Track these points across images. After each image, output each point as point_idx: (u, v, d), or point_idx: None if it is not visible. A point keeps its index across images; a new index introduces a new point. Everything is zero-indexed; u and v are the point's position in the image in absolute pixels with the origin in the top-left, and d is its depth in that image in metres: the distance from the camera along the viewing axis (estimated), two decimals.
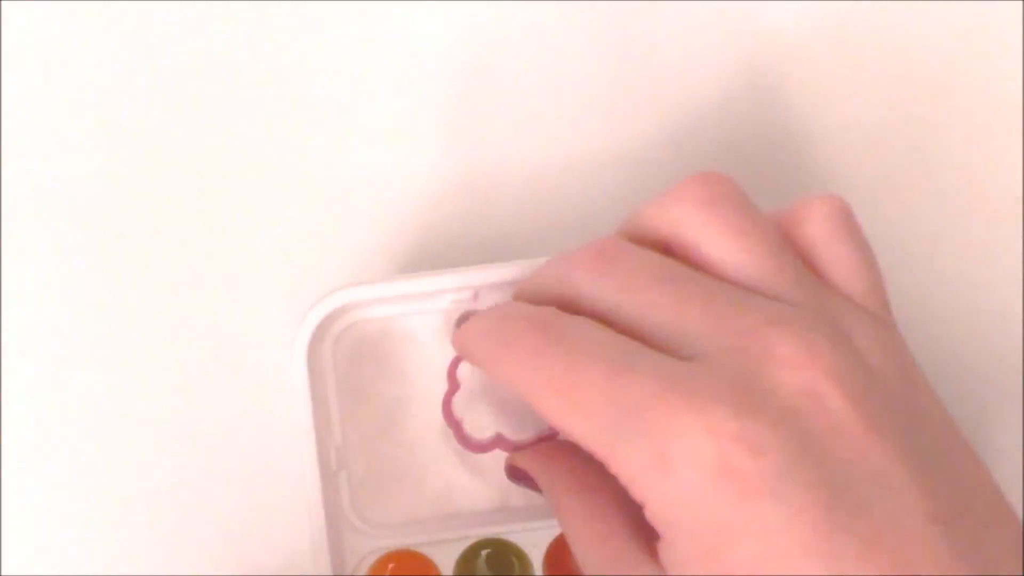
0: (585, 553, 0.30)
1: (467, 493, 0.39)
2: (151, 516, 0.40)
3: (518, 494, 0.38)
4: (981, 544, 0.25)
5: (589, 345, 0.28)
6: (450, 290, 0.37)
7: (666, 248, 0.30)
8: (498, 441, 0.38)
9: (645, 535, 0.28)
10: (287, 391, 0.37)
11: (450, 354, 0.38)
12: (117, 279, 0.41)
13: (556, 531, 0.38)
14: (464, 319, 0.37)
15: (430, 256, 0.41)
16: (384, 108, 0.42)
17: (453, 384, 0.38)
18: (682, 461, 0.25)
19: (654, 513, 0.26)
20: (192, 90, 0.42)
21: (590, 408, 0.27)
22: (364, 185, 0.41)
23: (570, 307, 0.30)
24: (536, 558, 0.38)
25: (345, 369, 0.38)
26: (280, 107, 0.42)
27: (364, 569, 0.38)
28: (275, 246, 0.41)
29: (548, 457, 0.33)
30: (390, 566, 0.38)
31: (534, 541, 0.38)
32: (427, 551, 0.38)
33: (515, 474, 0.36)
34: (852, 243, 0.30)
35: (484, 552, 0.38)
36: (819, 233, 0.30)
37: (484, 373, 0.35)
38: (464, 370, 0.37)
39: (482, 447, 0.38)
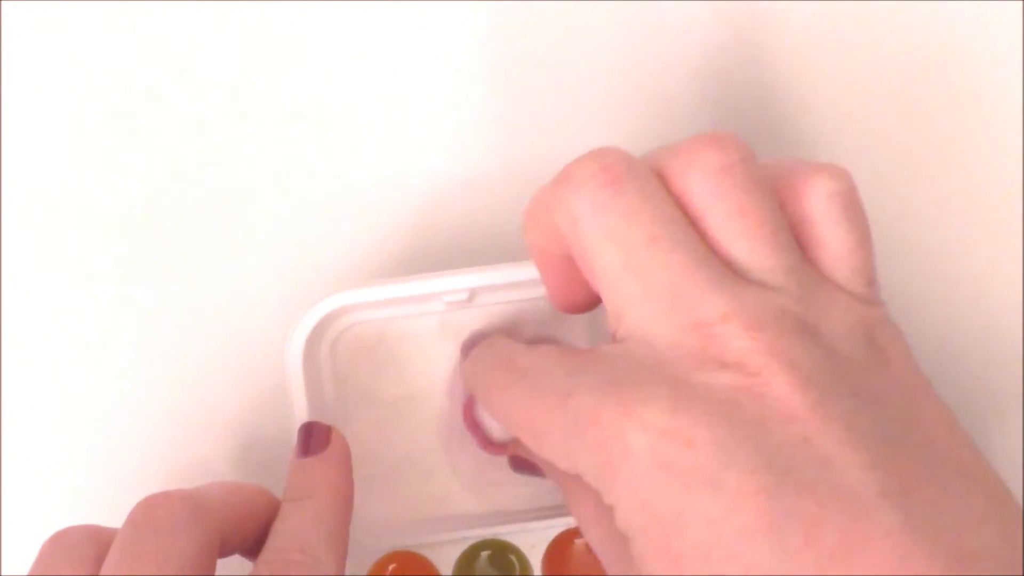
0: (584, 531, 0.31)
1: (466, 494, 0.39)
2: None
3: (517, 496, 0.39)
4: (943, 513, 0.25)
5: (541, 377, 0.30)
6: (445, 292, 0.37)
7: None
8: (517, 442, 0.38)
9: None
10: (284, 396, 0.37)
11: (446, 355, 0.38)
12: (111, 284, 0.41)
13: (555, 532, 0.38)
14: (468, 346, 0.37)
15: (426, 258, 0.41)
16: (380, 111, 0.42)
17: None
18: (625, 462, 0.26)
19: (616, 517, 0.27)
20: (190, 93, 0.42)
21: (550, 435, 0.29)
22: (359, 188, 0.41)
23: (556, 242, 0.31)
24: (535, 559, 0.38)
25: (343, 372, 0.38)
26: (277, 111, 0.42)
27: (364, 570, 0.38)
28: (270, 251, 0.41)
29: None
30: (390, 567, 0.38)
31: (533, 542, 0.38)
32: (426, 552, 0.38)
33: (519, 463, 0.37)
34: (847, 225, 0.29)
35: (484, 553, 0.38)
36: (815, 212, 0.29)
37: None
38: None
39: (503, 448, 0.38)
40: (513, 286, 0.37)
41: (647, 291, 0.28)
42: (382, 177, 0.41)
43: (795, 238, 0.30)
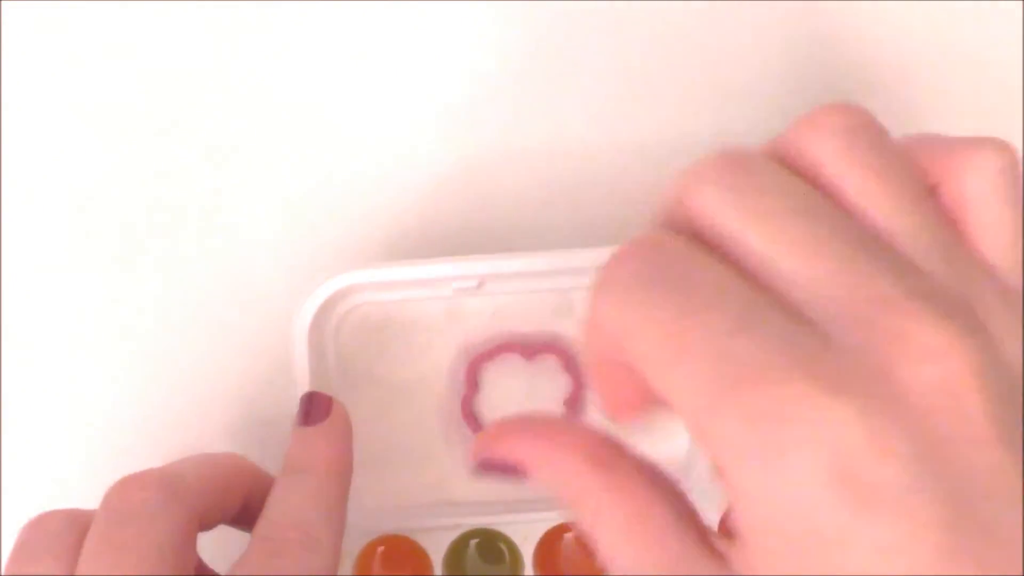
0: (637, 556, 0.25)
1: (461, 482, 0.39)
2: None
3: (511, 487, 0.38)
4: None
5: (708, 288, 0.23)
6: (454, 278, 0.37)
7: None
8: (485, 440, 0.38)
9: (695, 527, 0.25)
10: (288, 372, 0.37)
11: (453, 342, 0.39)
12: (115, 270, 0.41)
13: (547, 524, 0.38)
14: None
15: (438, 244, 0.41)
16: (393, 95, 0.42)
17: (472, 387, 0.39)
18: (796, 456, 0.21)
19: (746, 508, 0.22)
20: (192, 88, 0.42)
21: (697, 365, 0.22)
22: (373, 172, 0.42)
23: (689, 232, 0.25)
24: (527, 551, 0.38)
25: (347, 352, 0.38)
26: (289, 95, 0.42)
27: (354, 552, 0.38)
28: (283, 232, 0.41)
29: (553, 445, 0.27)
30: (379, 549, 0.38)
31: (525, 533, 0.38)
32: (419, 537, 0.38)
33: (487, 466, 0.29)
34: (1014, 209, 0.25)
35: (474, 541, 0.38)
36: (982, 190, 0.25)
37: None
38: (482, 372, 0.38)
39: None
40: (523, 276, 0.37)
41: (814, 266, 0.23)
42: (397, 162, 0.42)
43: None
